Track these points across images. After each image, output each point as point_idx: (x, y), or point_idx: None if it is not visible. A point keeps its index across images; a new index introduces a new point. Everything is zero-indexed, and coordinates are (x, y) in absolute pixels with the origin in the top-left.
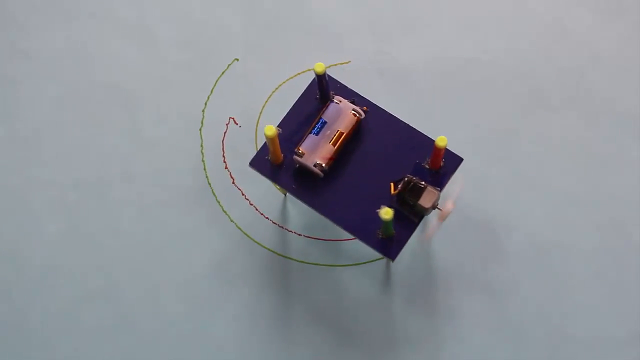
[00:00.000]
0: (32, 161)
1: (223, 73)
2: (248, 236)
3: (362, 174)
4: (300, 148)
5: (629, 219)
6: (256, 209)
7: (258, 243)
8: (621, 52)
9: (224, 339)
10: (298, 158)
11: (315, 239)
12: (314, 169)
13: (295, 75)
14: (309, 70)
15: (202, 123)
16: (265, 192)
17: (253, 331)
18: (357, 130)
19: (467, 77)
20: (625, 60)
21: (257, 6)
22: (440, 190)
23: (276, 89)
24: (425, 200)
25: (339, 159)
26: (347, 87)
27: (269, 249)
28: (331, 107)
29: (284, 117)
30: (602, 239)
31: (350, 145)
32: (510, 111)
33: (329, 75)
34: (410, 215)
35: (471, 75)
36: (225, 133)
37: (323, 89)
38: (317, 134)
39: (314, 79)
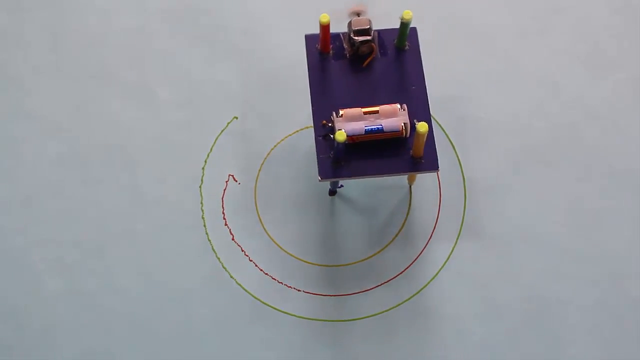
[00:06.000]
0: (33, 220)
1: (222, 131)
2: (248, 292)
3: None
4: (401, 124)
5: (626, 273)
6: (256, 265)
7: (258, 299)
8: (613, 107)
9: None
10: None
11: (315, 294)
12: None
13: (293, 133)
14: (307, 127)
15: (202, 180)
16: (265, 248)
17: None
18: None
19: (461, 134)
20: (618, 115)
21: (255, 65)
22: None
23: (274, 146)
24: (358, 22)
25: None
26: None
27: (269, 305)
28: (341, 125)
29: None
30: (600, 294)
31: None
32: (504, 167)
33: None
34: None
35: (465, 132)
36: (224, 190)
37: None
38: (379, 127)
39: None
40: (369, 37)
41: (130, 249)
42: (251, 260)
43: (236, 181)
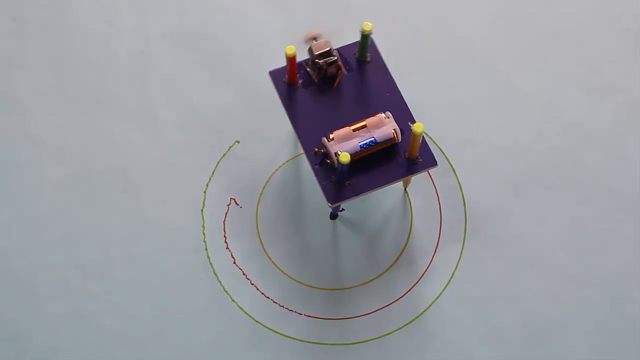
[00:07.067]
0: (35, 243)
1: (224, 155)
2: (249, 315)
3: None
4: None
5: (626, 296)
6: (257, 289)
7: (259, 322)
8: (613, 130)
9: None
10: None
11: (316, 318)
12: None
13: (295, 157)
14: None
15: (203, 204)
16: (266, 271)
17: None
18: None
19: (462, 157)
20: (618, 139)
21: (256, 90)
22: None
23: (276, 170)
24: (318, 46)
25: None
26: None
27: (270, 329)
28: (335, 148)
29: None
30: (600, 316)
31: None
32: (504, 190)
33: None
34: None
35: (466, 156)
36: (226, 214)
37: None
38: (372, 140)
39: None
40: (334, 57)
41: (132, 272)
42: (252, 284)
43: (238, 205)
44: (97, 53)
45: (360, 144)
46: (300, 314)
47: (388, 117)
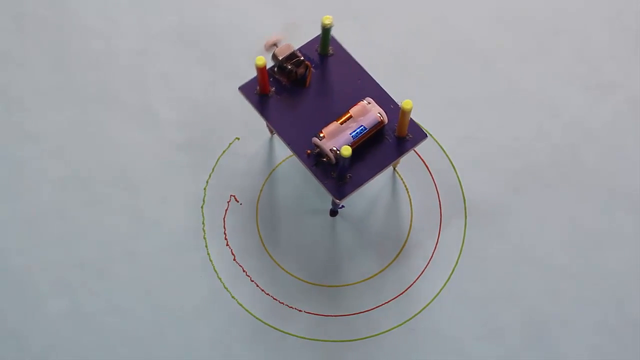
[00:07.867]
0: (35, 241)
1: (224, 152)
2: (249, 312)
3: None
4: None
5: (626, 294)
6: (257, 285)
7: (259, 319)
8: (614, 129)
9: None
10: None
11: (316, 315)
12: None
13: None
14: None
15: (203, 201)
16: (266, 268)
17: None
18: None
19: (462, 155)
20: (617, 136)
21: None
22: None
23: (276, 167)
24: (282, 51)
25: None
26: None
27: (271, 326)
28: (329, 144)
29: None
30: (600, 315)
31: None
32: (504, 188)
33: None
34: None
35: (466, 153)
36: (226, 211)
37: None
38: (362, 128)
39: None
40: (300, 58)
41: (132, 270)
42: (252, 281)
43: (238, 201)
44: (97, 52)
45: (351, 134)
46: (300, 310)
47: (369, 103)
